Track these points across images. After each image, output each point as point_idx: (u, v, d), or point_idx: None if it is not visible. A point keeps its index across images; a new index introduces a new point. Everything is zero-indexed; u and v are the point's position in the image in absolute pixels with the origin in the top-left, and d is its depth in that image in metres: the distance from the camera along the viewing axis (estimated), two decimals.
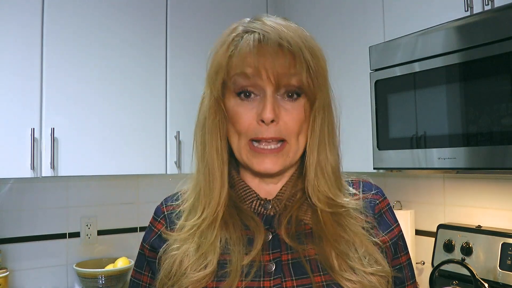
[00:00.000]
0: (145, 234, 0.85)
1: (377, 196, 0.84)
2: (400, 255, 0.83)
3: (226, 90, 0.75)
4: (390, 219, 0.84)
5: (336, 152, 0.78)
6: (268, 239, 0.75)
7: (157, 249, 0.79)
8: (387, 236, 0.80)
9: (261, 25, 0.72)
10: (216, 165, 0.76)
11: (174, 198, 0.85)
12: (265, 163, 0.73)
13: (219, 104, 0.75)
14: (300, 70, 0.71)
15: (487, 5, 1.43)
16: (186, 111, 2.12)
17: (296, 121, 0.74)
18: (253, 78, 0.71)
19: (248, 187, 0.79)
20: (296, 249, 0.74)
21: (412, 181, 2.08)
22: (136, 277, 0.85)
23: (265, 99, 0.72)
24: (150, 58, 2.10)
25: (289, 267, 0.73)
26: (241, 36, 0.73)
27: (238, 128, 0.74)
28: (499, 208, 1.76)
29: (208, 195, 0.76)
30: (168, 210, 0.83)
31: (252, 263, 0.72)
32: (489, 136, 1.36)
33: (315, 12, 2.14)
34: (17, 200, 2.11)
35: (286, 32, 0.71)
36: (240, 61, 0.71)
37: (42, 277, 2.14)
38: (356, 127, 1.79)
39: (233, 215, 0.76)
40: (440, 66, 1.49)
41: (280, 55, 0.70)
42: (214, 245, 0.73)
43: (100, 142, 1.97)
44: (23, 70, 1.82)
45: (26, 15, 1.83)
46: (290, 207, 0.77)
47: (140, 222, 2.39)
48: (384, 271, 0.73)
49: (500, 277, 1.62)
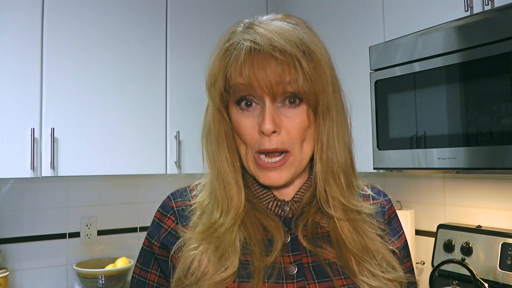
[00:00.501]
0: (151, 229, 0.81)
1: (386, 202, 0.84)
2: (405, 260, 0.83)
3: (229, 99, 0.74)
4: (398, 225, 0.85)
5: (348, 152, 0.76)
6: (287, 241, 0.74)
7: (169, 246, 0.76)
8: (397, 242, 0.81)
9: (252, 35, 0.69)
10: (230, 174, 0.74)
11: (183, 194, 0.82)
12: (270, 176, 0.72)
13: (221, 114, 0.74)
14: (296, 77, 0.68)
15: (487, 5, 1.43)
16: (186, 111, 2.13)
17: (299, 128, 0.71)
18: (249, 89, 0.70)
19: (264, 187, 0.77)
20: (315, 252, 0.73)
21: (412, 181, 2.08)
22: (142, 275, 0.81)
23: (264, 110, 0.70)
24: (150, 58, 2.10)
25: (311, 270, 0.72)
26: (234, 47, 0.70)
27: (243, 139, 0.73)
28: (499, 208, 1.75)
29: (226, 202, 0.74)
30: (178, 205, 0.80)
31: (274, 265, 0.71)
32: (489, 136, 1.36)
33: (315, 12, 2.13)
34: (17, 200, 2.11)
35: (278, 40, 0.67)
36: (234, 71, 0.70)
37: (42, 277, 2.14)
38: (356, 127, 1.78)
39: (251, 216, 0.75)
40: (440, 66, 1.49)
41: (273, 64, 0.68)
42: (234, 245, 0.71)
43: (100, 142, 1.97)
44: (23, 70, 1.82)
45: (26, 15, 1.83)
46: (306, 211, 0.76)
47: (140, 222, 2.39)
48: (401, 277, 0.74)
49: (500, 277, 1.62)
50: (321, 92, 0.71)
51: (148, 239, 0.81)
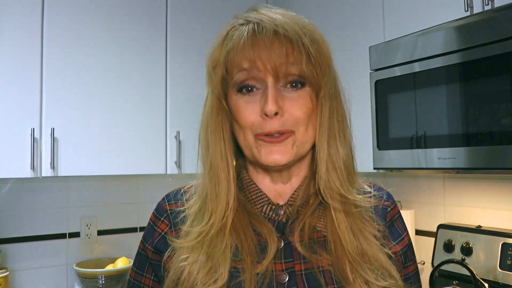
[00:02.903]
0: (146, 232, 0.80)
1: (389, 202, 0.81)
2: (408, 264, 0.81)
3: (228, 87, 0.72)
4: (401, 227, 0.81)
5: (348, 145, 0.74)
6: (280, 247, 0.72)
7: (162, 252, 0.75)
8: (398, 246, 0.78)
9: (255, 15, 0.70)
10: (221, 167, 0.72)
11: (177, 196, 0.80)
12: (273, 153, 0.69)
13: (220, 102, 0.72)
14: (300, 57, 0.67)
15: (487, 5, 1.43)
16: (186, 111, 2.13)
17: (304, 110, 0.69)
18: (251, 71, 0.68)
19: (259, 189, 0.75)
20: (309, 259, 0.71)
21: (412, 181, 2.08)
22: (137, 279, 0.80)
23: (266, 91, 0.68)
24: (150, 58, 2.10)
25: (303, 278, 0.70)
26: (236, 29, 0.70)
27: (242, 123, 0.70)
28: (499, 208, 1.75)
29: (215, 200, 0.71)
30: (172, 208, 0.78)
31: (265, 273, 0.69)
32: (489, 136, 1.36)
33: (315, 12, 2.13)
34: (17, 200, 2.11)
35: (282, 19, 0.68)
36: (236, 54, 0.68)
37: (42, 277, 2.14)
38: (356, 127, 1.78)
39: (243, 220, 0.72)
40: (440, 66, 1.49)
41: (277, 44, 0.67)
42: (224, 254, 0.69)
43: (100, 142, 1.97)
44: (23, 70, 1.82)
45: (26, 15, 1.83)
46: (303, 213, 0.74)
47: (140, 222, 2.39)
48: (397, 285, 0.71)
49: (500, 277, 1.62)
50: (324, 76, 0.70)
51: (143, 242, 0.80)
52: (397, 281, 0.72)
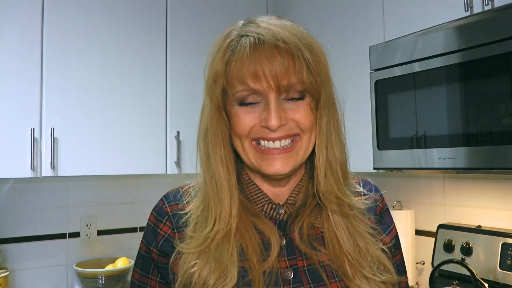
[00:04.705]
0: (147, 234, 0.80)
1: (378, 196, 0.84)
2: (395, 253, 0.84)
3: (227, 98, 0.73)
4: (389, 219, 0.85)
5: (343, 149, 0.77)
6: (282, 245, 0.74)
7: (168, 255, 0.76)
8: (388, 237, 0.82)
9: (255, 28, 0.70)
10: (223, 176, 0.73)
11: (177, 196, 0.80)
12: (275, 164, 0.71)
13: (220, 114, 0.73)
14: (300, 68, 0.69)
15: (487, 5, 1.43)
16: (186, 111, 2.13)
17: (307, 117, 0.72)
18: (254, 85, 0.69)
19: (259, 189, 0.77)
20: (310, 255, 0.73)
21: (412, 181, 2.08)
22: (142, 280, 0.80)
23: (269, 106, 0.69)
24: (150, 58, 2.10)
25: (306, 274, 0.73)
26: (236, 41, 0.71)
27: (240, 130, 0.72)
28: (499, 208, 1.75)
29: (218, 206, 0.73)
30: (172, 210, 0.78)
31: (271, 271, 0.71)
32: (489, 136, 1.36)
33: (315, 12, 2.13)
34: (17, 200, 2.11)
35: (282, 32, 0.69)
36: (238, 67, 0.69)
37: (42, 277, 2.14)
38: (356, 127, 1.79)
39: (246, 220, 0.74)
40: (440, 66, 1.49)
41: (277, 56, 0.68)
42: (232, 257, 0.71)
43: (100, 142, 1.97)
44: (23, 70, 1.82)
45: (26, 15, 1.83)
46: (302, 213, 0.76)
47: (140, 222, 2.39)
48: (393, 279, 0.75)
49: (500, 277, 1.62)
50: (323, 85, 0.72)
51: (146, 244, 0.80)
52: (393, 275, 0.75)
